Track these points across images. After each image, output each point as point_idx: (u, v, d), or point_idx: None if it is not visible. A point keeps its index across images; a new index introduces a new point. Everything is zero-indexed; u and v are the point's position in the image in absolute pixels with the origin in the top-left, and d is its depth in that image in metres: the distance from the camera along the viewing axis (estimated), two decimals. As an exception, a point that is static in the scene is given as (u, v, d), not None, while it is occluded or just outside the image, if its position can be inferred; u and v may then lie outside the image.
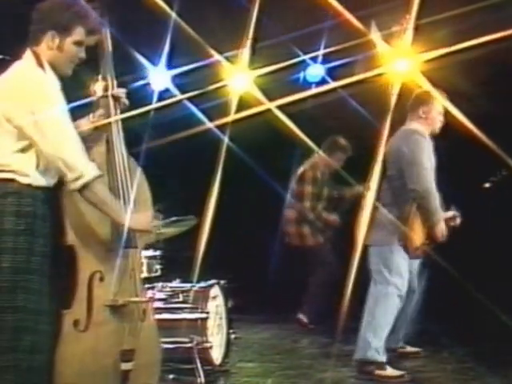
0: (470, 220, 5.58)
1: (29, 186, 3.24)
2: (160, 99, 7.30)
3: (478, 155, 6.46)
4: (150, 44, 6.89)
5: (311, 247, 7.22)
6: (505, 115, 7.34)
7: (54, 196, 3.35)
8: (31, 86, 3.23)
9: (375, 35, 6.16)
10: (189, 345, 5.03)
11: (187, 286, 5.34)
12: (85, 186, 3.26)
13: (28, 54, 3.34)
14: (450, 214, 5.39)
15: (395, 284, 5.23)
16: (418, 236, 5.19)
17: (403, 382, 5.14)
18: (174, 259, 5.57)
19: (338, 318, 5.44)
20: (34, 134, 3.20)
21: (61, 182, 3.37)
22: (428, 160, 5.22)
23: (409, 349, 5.87)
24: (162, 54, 7.17)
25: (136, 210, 3.55)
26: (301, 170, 7.32)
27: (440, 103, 5.43)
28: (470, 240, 6.92)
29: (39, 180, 3.27)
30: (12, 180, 3.23)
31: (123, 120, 3.73)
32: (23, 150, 3.25)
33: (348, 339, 5.85)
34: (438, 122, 5.43)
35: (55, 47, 3.33)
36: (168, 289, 5.33)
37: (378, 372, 5.15)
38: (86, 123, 3.66)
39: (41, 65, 3.30)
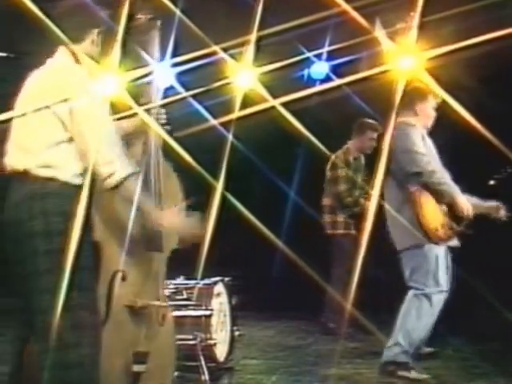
0: (474, 218, 5.55)
1: (67, 184, 3.23)
2: (164, 96, 7.28)
3: (482, 152, 6.45)
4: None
5: (341, 237, 7.01)
6: (510, 112, 7.33)
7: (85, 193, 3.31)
8: (74, 80, 3.28)
9: (380, 33, 6.14)
10: (193, 342, 5.04)
11: (191, 283, 5.35)
12: (119, 183, 3.23)
13: (63, 52, 3.40)
14: (493, 204, 5.30)
15: (432, 286, 5.10)
16: (432, 218, 5.10)
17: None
18: (178, 256, 5.57)
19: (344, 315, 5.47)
20: (75, 127, 3.22)
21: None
22: (421, 146, 5.19)
23: (426, 349, 5.67)
24: (166, 51, 7.16)
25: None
26: (333, 156, 7.25)
27: (435, 99, 5.38)
28: (476, 238, 6.92)
29: (76, 178, 3.26)
30: (52, 179, 3.22)
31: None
32: (64, 144, 3.25)
33: (353, 336, 5.86)
34: (431, 118, 5.42)
35: (96, 43, 3.43)
36: (172, 286, 5.33)
37: (401, 373, 5.04)
38: (127, 124, 3.75)
39: (78, 62, 3.38)
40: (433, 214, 5.11)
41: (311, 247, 6.55)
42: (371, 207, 5.35)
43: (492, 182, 6.87)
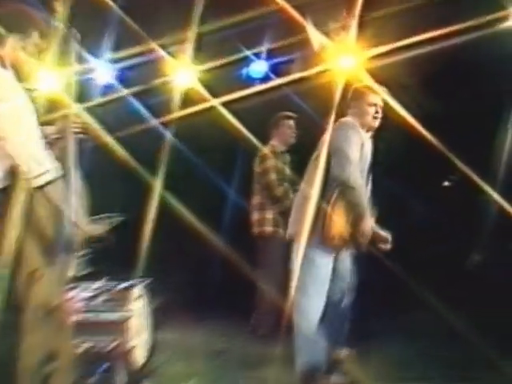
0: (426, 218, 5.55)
1: None
2: (103, 94, 7.25)
3: (423, 154, 6.45)
4: (93, 37, 6.82)
5: (268, 236, 6.82)
6: (450, 113, 7.34)
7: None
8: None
9: (312, 32, 6.11)
10: (110, 345, 5.00)
11: (111, 285, 5.30)
12: (47, 183, 3.40)
13: None
14: (383, 233, 5.13)
15: (319, 288, 5.02)
16: (336, 226, 4.98)
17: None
18: (103, 257, 5.53)
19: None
20: (4, 129, 3.32)
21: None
22: (356, 151, 5.02)
23: (342, 352, 5.70)
24: (105, 48, 7.11)
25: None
26: (259, 154, 7.17)
27: (372, 96, 5.27)
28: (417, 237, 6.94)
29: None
30: None
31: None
32: None
33: (280, 340, 5.80)
34: (369, 115, 5.27)
35: (19, 49, 3.51)
36: (91, 289, 5.28)
37: (321, 381, 4.96)
38: (50, 130, 3.80)
39: (4, 66, 3.46)
40: (337, 222, 5.01)
41: (241, 248, 6.50)
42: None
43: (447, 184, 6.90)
